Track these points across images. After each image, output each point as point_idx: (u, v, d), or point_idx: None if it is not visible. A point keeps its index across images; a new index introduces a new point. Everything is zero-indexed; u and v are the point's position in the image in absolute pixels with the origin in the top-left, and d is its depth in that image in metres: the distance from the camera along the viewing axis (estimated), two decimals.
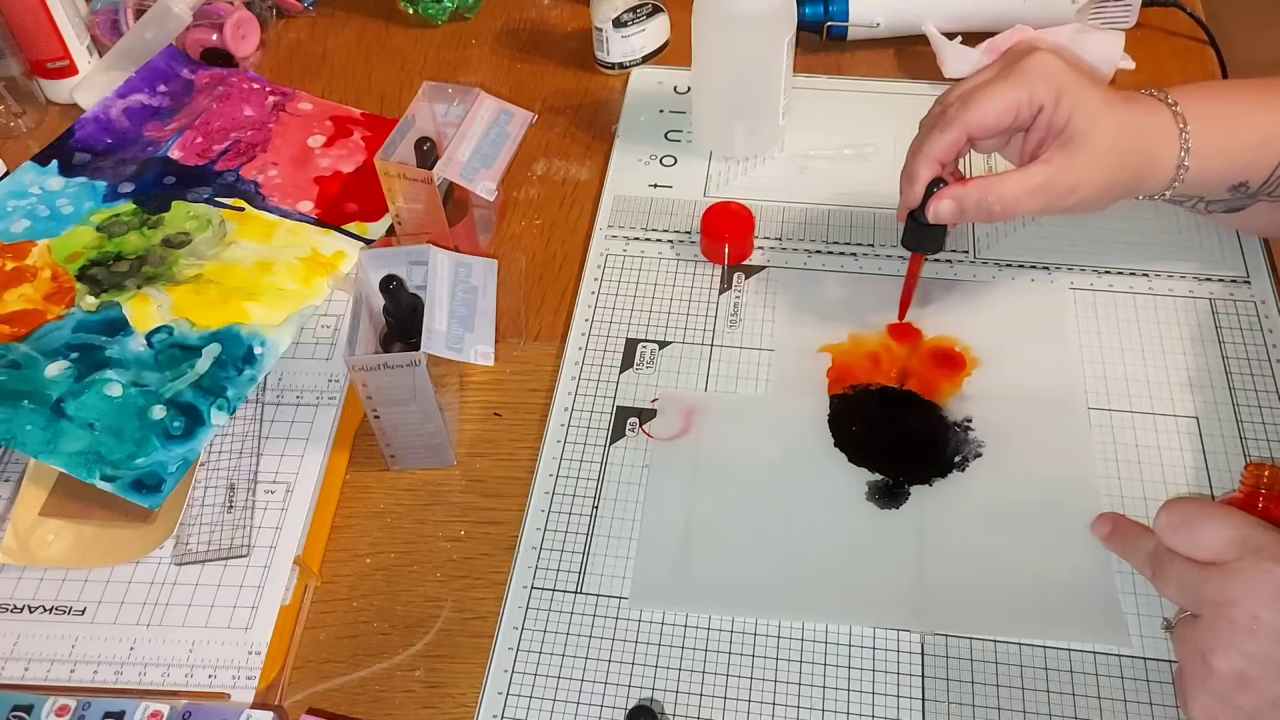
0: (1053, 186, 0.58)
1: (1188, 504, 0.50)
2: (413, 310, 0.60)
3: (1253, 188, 0.61)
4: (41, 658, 0.56)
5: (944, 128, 0.59)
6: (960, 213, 0.60)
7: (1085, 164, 0.58)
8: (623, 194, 0.77)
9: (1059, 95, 0.57)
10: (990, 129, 0.59)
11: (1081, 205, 0.59)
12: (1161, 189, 0.61)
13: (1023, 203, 0.58)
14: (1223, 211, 0.65)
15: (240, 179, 0.78)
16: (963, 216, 0.60)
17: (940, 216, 0.60)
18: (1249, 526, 0.48)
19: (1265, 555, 0.46)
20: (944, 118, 0.59)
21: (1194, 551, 0.49)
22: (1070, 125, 0.57)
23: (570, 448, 0.63)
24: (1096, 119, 0.57)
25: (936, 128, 0.59)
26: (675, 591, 0.57)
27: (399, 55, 0.90)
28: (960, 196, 0.59)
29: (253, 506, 0.61)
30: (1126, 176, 0.59)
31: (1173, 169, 0.59)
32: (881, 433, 0.63)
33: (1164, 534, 0.50)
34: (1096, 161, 0.58)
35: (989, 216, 0.59)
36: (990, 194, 0.58)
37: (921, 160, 0.60)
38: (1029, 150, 0.61)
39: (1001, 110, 0.58)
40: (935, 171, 0.60)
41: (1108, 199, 0.60)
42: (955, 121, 0.59)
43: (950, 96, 0.61)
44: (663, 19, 0.85)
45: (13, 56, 0.83)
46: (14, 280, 0.71)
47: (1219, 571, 0.48)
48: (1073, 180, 0.58)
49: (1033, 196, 0.58)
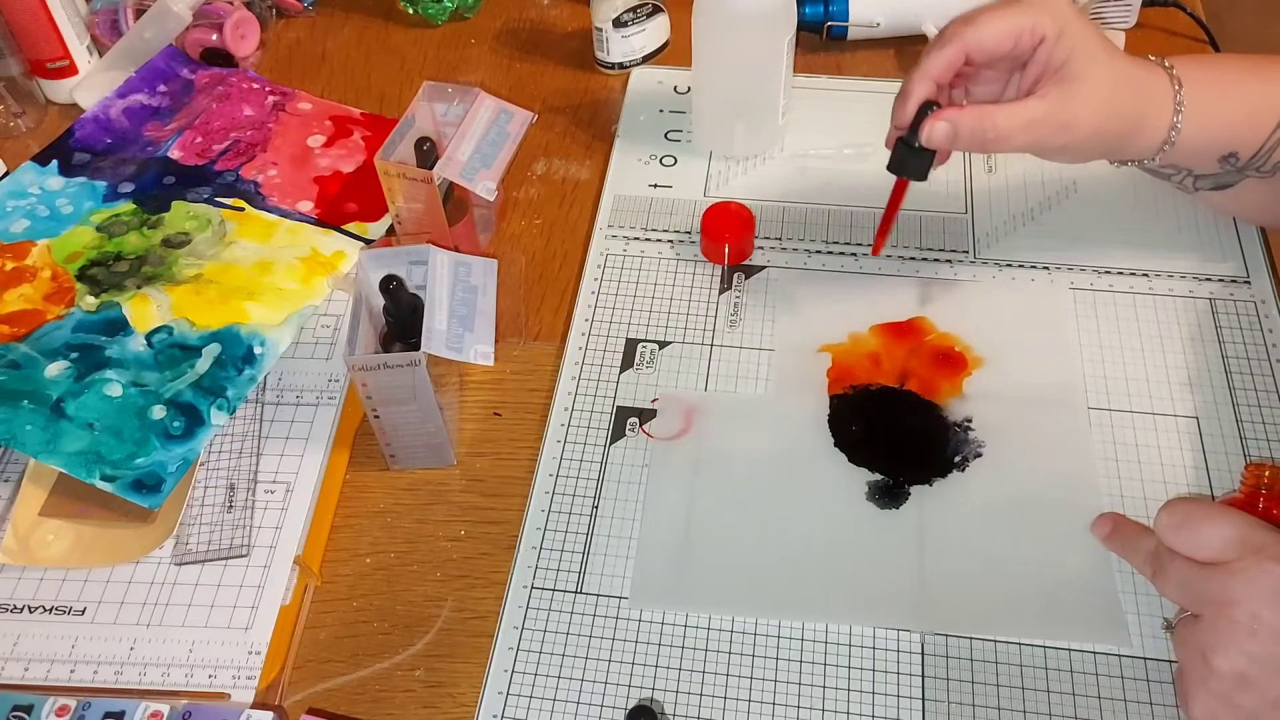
0: (1048, 121, 0.58)
1: (1188, 504, 0.50)
2: (413, 310, 0.60)
3: (1242, 159, 0.61)
4: (41, 658, 0.56)
5: (943, 44, 0.58)
6: (954, 137, 0.58)
7: (1081, 103, 0.58)
8: (623, 194, 0.77)
9: (1061, 30, 0.57)
10: (989, 51, 0.58)
11: (1071, 148, 0.59)
12: (1152, 151, 0.61)
13: (1016, 135, 0.58)
14: (1210, 189, 0.65)
15: (240, 179, 0.78)
16: (956, 142, 0.59)
17: (934, 139, 0.59)
18: (1249, 526, 0.48)
19: (1266, 555, 0.46)
20: (944, 34, 0.59)
21: (1194, 551, 0.49)
22: (1069, 63, 0.57)
23: (570, 448, 0.63)
24: (1095, 61, 0.57)
25: (936, 45, 0.59)
26: (675, 591, 0.57)
27: (399, 55, 0.90)
28: (956, 120, 0.58)
29: (253, 506, 0.61)
30: (1119, 128, 0.59)
31: (1165, 130, 0.60)
32: (881, 433, 0.63)
33: (1164, 534, 0.50)
34: (1091, 103, 0.58)
35: (982, 145, 0.58)
36: (986, 120, 0.58)
37: (918, 77, 0.59)
38: (1025, 87, 0.60)
39: (1003, 32, 0.58)
40: (930, 91, 0.59)
41: (1097, 147, 0.60)
42: (955, 37, 0.58)
43: (954, 20, 0.60)
44: (663, 19, 0.85)
45: (13, 56, 0.83)
46: (14, 280, 0.71)
47: (1220, 571, 0.47)
48: (1066, 118, 0.58)
49: (1026, 130, 0.58)
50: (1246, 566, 0.47)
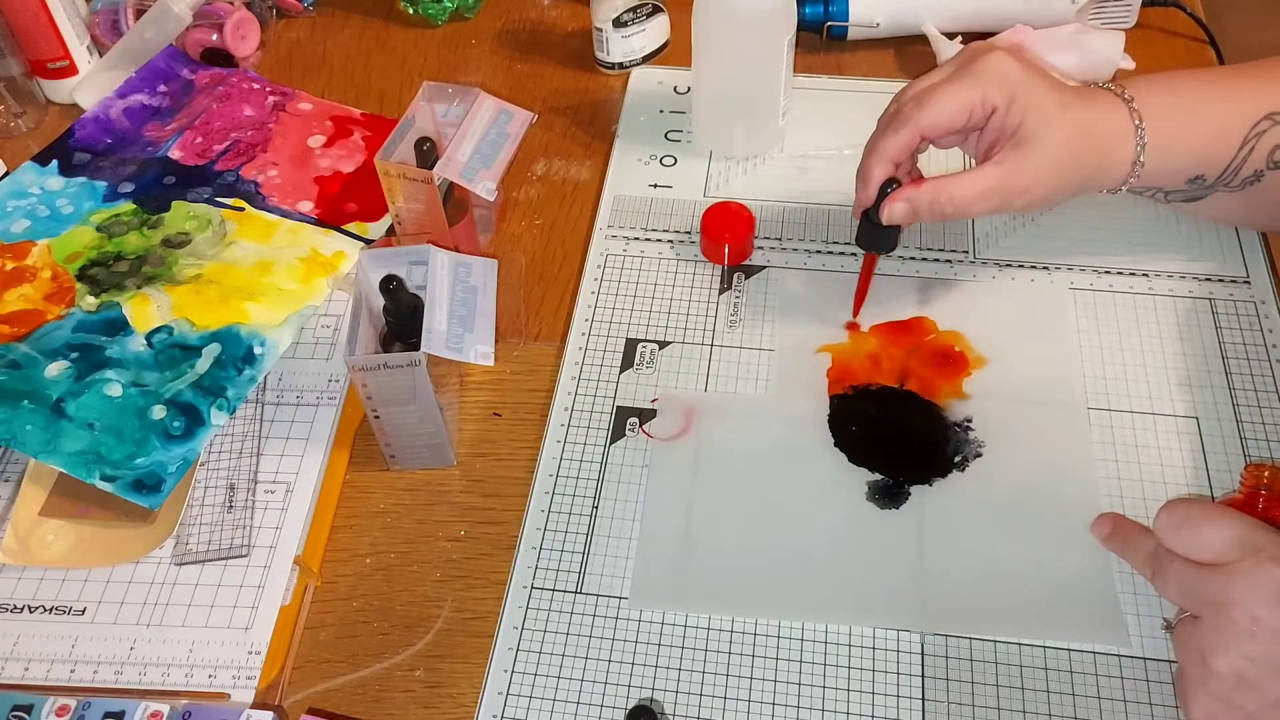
0: (1004, 188, 0.59)
1: (1188, 505, 0.50)
2: (413, 310, 0.60)
3: (1210, 180, 0.62)
4: (41, 658, 0.56)
5: (898, 127, 0.59)
6: (913, 214, 0.60)
7: (1037, 166, 0.58)
8: (623, 194, 0.77)
9: (1011, 97, 0.57)
10: (943, 129, 0.59)
11: (1034, 205, 0.60)
12: (1118, 184, 0.62)
13: (974, 204, 0.59)
14: (1181, 201, 0.65)
15: (240, 179, 0.78)
16: (916, 217, 0.61)
17: (894, 218, 0.61)
18: (1249, 527, 0.48)
19: (1265, 556, 0.46)
20: (898, 117, 0.60)
21: (1194, 552, 0.49)
22: (1022, 128, 0.58)
23: (570, 448, 0.63)
24: (1048, 123, 0.58)
25: (891, 127, 0.60)
26: (675, 592, 0.57)
27: (399, 55, 0.90)
28: (913, 199, 0.60)
29: (253, 506, 0.61)
30: (1081, 175, 0.60)
31: (1128, 165, 0.60)
32: (881, 433, 0.63)
33: (1164, 534, 0.50)
34: (1048, 164, 0.59)
35: (941, 217, 0.60)
36: (943, 195, 0.59)
37: (875, 160, 0.61)
38: (982, 150, 0.61)
39: (954, 111, 0.58)
40: (889, 172, 0.61)
41: (1061, 197, 0.61)
42: (909, 121, 0.59)
43: (905, 95, 0.61)
44: (663, 19, 0.85)
45: (13, 56, 0.83)
46: (14, 280, 0.71)
47: (1219, 572, 0.47)
48: (1023, 182, 0.59)
49: (984, 199, 0.59)
50: (1246, 568, 0.47)
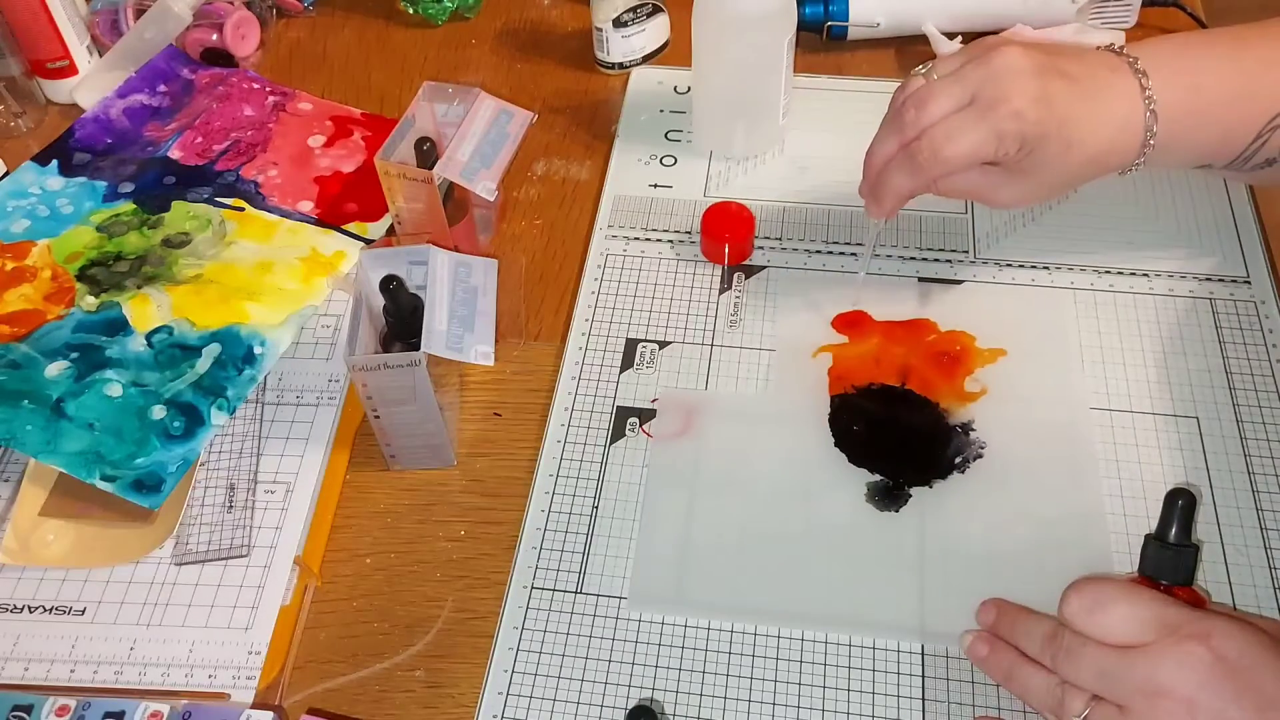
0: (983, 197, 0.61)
1: (1098, 585, 0.48)
2: (413, 310, 0.60)
3: (1217, 168, 0.63)
4: (41, 658, 0.56)
5: (913, 173, 0.59)
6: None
7: (1029, 192, 0.60)
8: (623, 194, 0.77)
9: (1023, 144, 0.56)
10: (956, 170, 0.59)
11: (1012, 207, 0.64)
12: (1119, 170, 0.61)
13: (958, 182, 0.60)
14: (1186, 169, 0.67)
15: (240, 179, 0.78)
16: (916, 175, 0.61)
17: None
18: (1161, 604, 0.47)
19: (1183, 634, 0.45)
20: (913, 164, 0.58)
21: (1108, 635, 0.47)
22: (1028, 166, 0.58)
23: (570, 448, 0.63)
24: (1052, 168, 0.58)
25: (905, 171, 0.59)
26: (673, 597, 0.57)
27: (399, 55, 0.90)
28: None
29: (253, 506, 0.61)
30: (1082, 181, 0.61)
31: (1129, 166, 0.60)
32: (882, 433, 0.63)
33: (1075, 618, 0.48)
34: (1039, 193, 0.60)
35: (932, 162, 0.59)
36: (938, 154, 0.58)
37: (891, 202, 0.60)
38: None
39: (969, 161, 0.58)
40: (901, 206, 0.61)
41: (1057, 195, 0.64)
42: (922, 172, 0.58)
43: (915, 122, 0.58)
44: (663, 19, 0.85)
45: (13, 56, 0.83)
46: (14, 280, 0.71)
47: (1142, 656, 0.46)
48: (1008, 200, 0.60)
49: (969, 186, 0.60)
50: (1168, 649, 0.45)
